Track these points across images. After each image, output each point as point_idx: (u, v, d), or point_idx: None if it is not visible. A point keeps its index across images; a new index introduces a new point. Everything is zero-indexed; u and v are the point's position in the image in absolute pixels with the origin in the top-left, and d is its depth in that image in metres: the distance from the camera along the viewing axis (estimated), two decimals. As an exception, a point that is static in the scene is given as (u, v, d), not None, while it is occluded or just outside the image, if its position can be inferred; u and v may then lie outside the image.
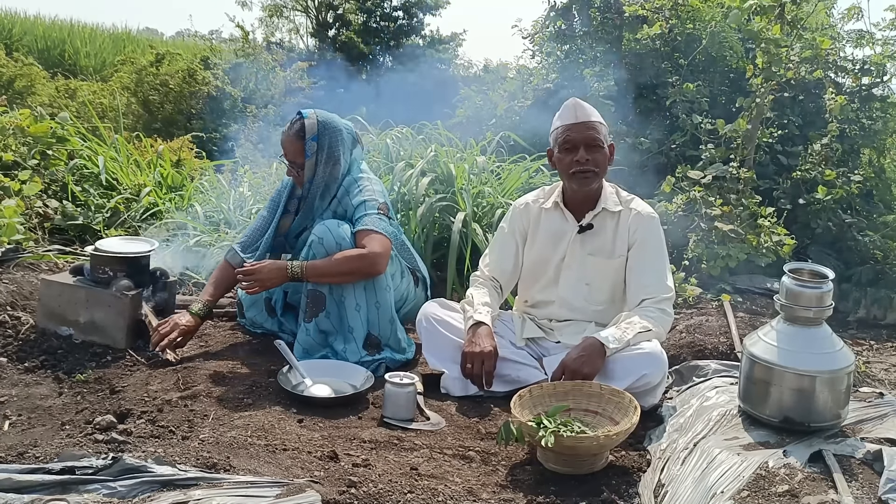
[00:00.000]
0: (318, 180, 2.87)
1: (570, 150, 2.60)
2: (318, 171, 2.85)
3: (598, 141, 2.58)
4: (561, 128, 2.62)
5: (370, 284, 2.75)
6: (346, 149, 2.90)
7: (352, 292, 2.73)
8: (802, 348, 2.05)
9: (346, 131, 2.92)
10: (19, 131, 4.56)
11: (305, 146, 2.83)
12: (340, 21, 13.53)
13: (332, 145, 2.85)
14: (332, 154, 2.85)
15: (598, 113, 2.66)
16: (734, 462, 1.88)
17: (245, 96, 9.31)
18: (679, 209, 3.89)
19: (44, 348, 2.72)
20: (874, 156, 4.47)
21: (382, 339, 2.79)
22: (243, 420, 2.23)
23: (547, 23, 5.99)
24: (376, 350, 2.78)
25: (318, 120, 2.86)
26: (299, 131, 2.85)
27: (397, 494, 1.82)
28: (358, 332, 2.74)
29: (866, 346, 3.36)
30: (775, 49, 3.97)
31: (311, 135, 2.84)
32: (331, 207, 2.89)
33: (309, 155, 2.84)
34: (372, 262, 2.68)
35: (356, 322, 2.73)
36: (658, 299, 2.55)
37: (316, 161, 2.84)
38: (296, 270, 2.69)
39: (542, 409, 2.19)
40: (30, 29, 12.86)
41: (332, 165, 2.86)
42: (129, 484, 1.67)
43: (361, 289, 2.74)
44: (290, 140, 2.86)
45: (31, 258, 3.47)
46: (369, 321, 2.76)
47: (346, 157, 2.90)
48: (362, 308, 2.74)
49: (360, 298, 2.74)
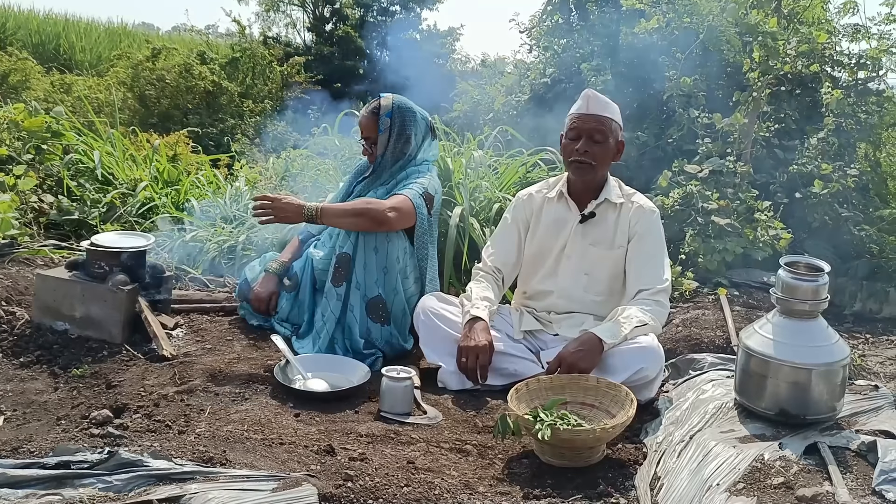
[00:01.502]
0: (388, 155, 2.99)
1: (573, 138, 2.65)
2: (389, 146, 2.97)
3: (601, 135, 2.61)
4: (573, 115, 2.67)
5: (382, 248, 2.80)
6: (417, 130, 3.01)
7: (362, 252, 2.79)
8: (798, 341, 2.05)
9: (420, 115, 3.04)
10: (14, 126, 4.54)
11: (379, 121, 2.96)
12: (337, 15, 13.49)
13: (405, 123, 2.97)
14: (404, 131, 2.97)
15: (614, 108, 2.68)
16: (730, 454, 1.88)
17: (242, 91, 9.29)
18: (676, 203, 3.89)
19: (39, 343, 2.71)
20: (870, 150, 4.47)
21: (388, 304, 2.82)
22: (240, 414, 2.22)
23: (544, 17, 5.99)
24: (384, 321, 2.81)
25: (394, 100, 3.01)
26: (375, 108, 2.99)
27: (394, 488, 1.82)
28: (363, 288, 2.79)
29: (862, 340, 3.37)
30: (772, 42, 3.96)
31: (386, 111, 2.97)
32: (387, 187, 2.97)
33: (382, 130, 2.96)
34: (381, 209, 2.75)
35: (362, 277, 2.79)
36: (654, 290, 2.57)
37: (389, 136, 2.96)
38: (311, 210, 2.78)
39: (539, 403, 2.20)
40: (24, 23, 12.80)
41: (402, 143, 2.98)
42: (125, 478, 1.67)
43: (372, 251, 2.80)
44: (366, 116, 3.00)
45: (27, 253, 3.46)
46: (377, 282, 2.81)
47: (416, 138, 3.01)
48: (370, 268, 2.80)
49: (370, 259, 2.80)
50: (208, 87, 8.56)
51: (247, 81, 9.70)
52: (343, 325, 2.80)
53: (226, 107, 8.70)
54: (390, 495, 1.78)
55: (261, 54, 9.90)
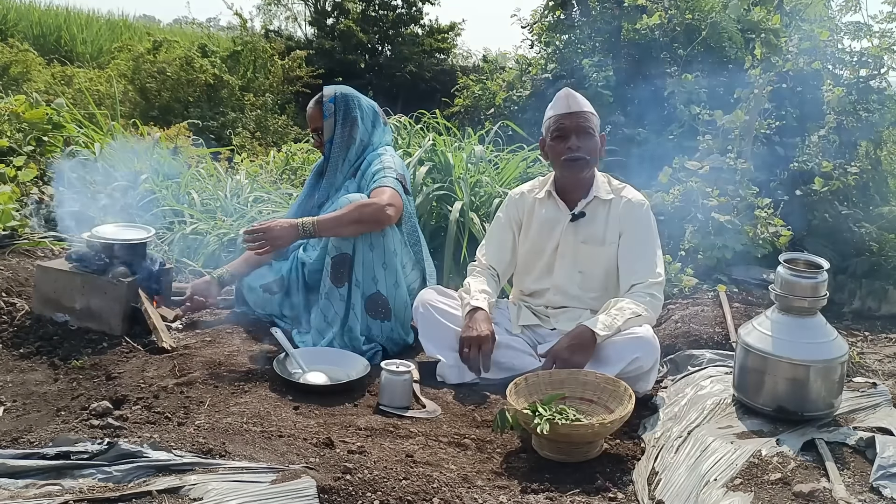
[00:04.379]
0: (337, 141, 3.01)
1: (562, 137, 2.64)
2: (336, 131, 3.00)
3: (589, 129, 2.63)
4: (554, 117, 2.66)
5: (378, 244, 2.78)
6: (364, 114, 3.03)
7: (360, 250, 2.77)
8: (797, 338, 2.05)
9: (364, 100, 3.07)
10: (15, 117, 4.54)
11: (323, 107, 3.00)
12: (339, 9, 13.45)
13: (349, 106, 3.01)
14: (349, 115, 3.00)
15: (590, 104, 2.71)
16: (727, 450, 1.89)
17: (242, 84, 9.27)
18: (676, 199, 3.89)
19: (39, 334, 2.72)
20: (871, 148, 4.47)
21: (390, 299, 2.81)
22: (239, 407, 2.23)
23: (546, 12, 5.98)
24: (385, 317, 2.81)
25: (336, 88, 3.06)
26: (319, 98, 3.04)
27: (392, 481, 1.83)
28: (363, 286, 2.78)
29: (861, 337, 3.38)
30: (774, 39, 3.96)
31: (329, 98, 3.01)
32: (354, 180, 2.98)
33: (326, 115, 3.00)
34: (378, 208, 2.74)
35: (360, 275, 2.78)
36: (647, 284, 2.57)
37: (334, 121, 3.00)
38: (307, 226, 2.72)
39: (538, 397, 2.20)
40: (25, 15, 12.75)
41: (349, 126, 3.00)
42: (125, 469, 1.67)
43: (368, 247, 2.77)
44: (311, 107, 3.05)
45: (27, 244, 3.46)
46: (375, 279, 2.79)
47: (365, 123, 3.03)
48: (368, 265, 2.78)
49: (367, 256, 2.78)
50: (209, 80, 8.53)
51: (248, 75, 9.67)
52: (345, 325, 2.78)
53: (227, 100, 8.67)
54: (389, 488, 1.79)
55: (262, 48, 9.87)
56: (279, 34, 13.19)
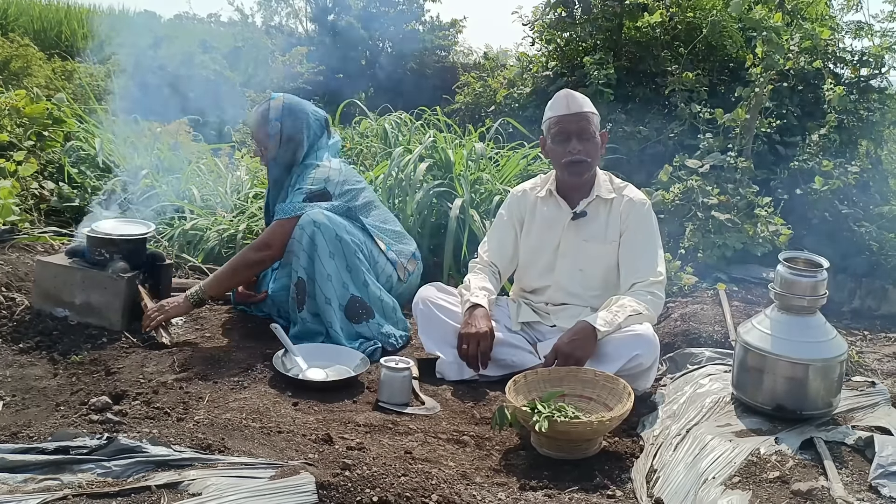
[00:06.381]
0: (279, 161, 2.94)
1: (563, 140, 2.62)
2: (279, 152, 2.92)
3: (590, 131, 2.61)
4: (553, 118, 2.64)
5: (337, 250, 2.73)
6: (309, 133, 2.95)
7: (320, 264, 2.72)
8: (796, 337, 2.05)
9: (313, 117, 2.96)
10: (15, 112, 4.53)
11: (269, 126, 2.89)
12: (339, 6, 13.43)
13: (296, 128, 2.91)
14: (294, 137, 2.91)
15: (590, 102, 2.69)
16: (726, 448, 1.89)
17: (243, 80, 9.26)
18: (676, 198, 3.89)
19: (39, 329, 2.72)
20: (871, 147, 4.47)
21: (364, 298, 2.78)
22: (238, 402, 2.23)
23: (547, 10, 5.96)
24: (367, 316, 2.78)
25: (284, 103, 2.93)
26: (265, 112, 2.92)
27: (391, 477, 1.83)
28: (335, 301, 2.73)
29: (860, 337, 3.37)
30: (775, 38, 3.95)
31: (276, 115, 2.90)
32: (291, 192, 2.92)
33: (271, 135, 2.89)
34: (257, 248, 2.79)
35: (330, 291, 2.73)
36: (648, 282, 2.57)
37: (279, 142, 2.90)
38: (195, 295, 2.77)
39: (537, 395, 2.20)
40: (25, 10, 12.73)
41: (292, 148, 2.92)
42: (124, 464, 1.67)
43: (328, 257, 2.72)
44: (255, 120, 2.95)
45: (27, 239, 3.46)
46: (345, 285, 2.75)
47: (308, 141, 2.94)
48: (333, 276, 2.73)
49: (330, 267, 2.73)
50: (209, 76, 8.53)
51: (248, 71, 9.67)
52: (328, 337, 2.76)
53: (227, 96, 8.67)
54: (387, 484, 1.79)
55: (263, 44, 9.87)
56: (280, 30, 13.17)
